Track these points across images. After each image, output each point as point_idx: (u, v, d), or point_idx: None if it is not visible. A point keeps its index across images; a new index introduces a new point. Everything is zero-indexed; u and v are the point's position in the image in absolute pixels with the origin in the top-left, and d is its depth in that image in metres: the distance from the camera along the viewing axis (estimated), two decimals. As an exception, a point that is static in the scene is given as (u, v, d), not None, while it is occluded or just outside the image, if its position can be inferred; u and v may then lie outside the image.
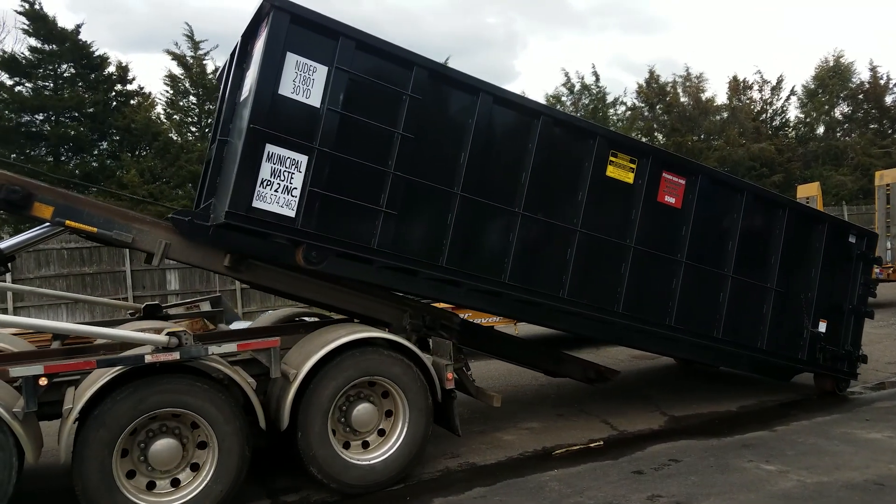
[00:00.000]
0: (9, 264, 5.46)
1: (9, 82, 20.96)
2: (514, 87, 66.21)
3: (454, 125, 5.64)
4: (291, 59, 4.88)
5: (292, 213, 4.94)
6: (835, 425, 6.53)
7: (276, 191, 4.88)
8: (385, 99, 5.29)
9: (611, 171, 6.26)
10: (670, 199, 6.59)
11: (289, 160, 4.91)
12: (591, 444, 6.14)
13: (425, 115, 5.42)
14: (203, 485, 4.52)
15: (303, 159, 4.95)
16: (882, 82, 31.99)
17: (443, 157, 5.59)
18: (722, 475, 5.23)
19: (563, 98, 30.16)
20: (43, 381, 4.15)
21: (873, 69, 32.38)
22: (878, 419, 6.65)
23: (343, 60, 5.04)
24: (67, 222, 4.94)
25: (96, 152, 22.74)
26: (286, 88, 4.88)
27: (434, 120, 5.55)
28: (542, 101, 30.02)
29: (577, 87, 29.65)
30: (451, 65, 27.36)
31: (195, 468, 4.58)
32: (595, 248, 6.22)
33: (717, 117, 31.32)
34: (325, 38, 5.02)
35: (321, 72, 4.98)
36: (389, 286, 5.84)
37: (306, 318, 6.68)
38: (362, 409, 5.16)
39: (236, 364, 4.90)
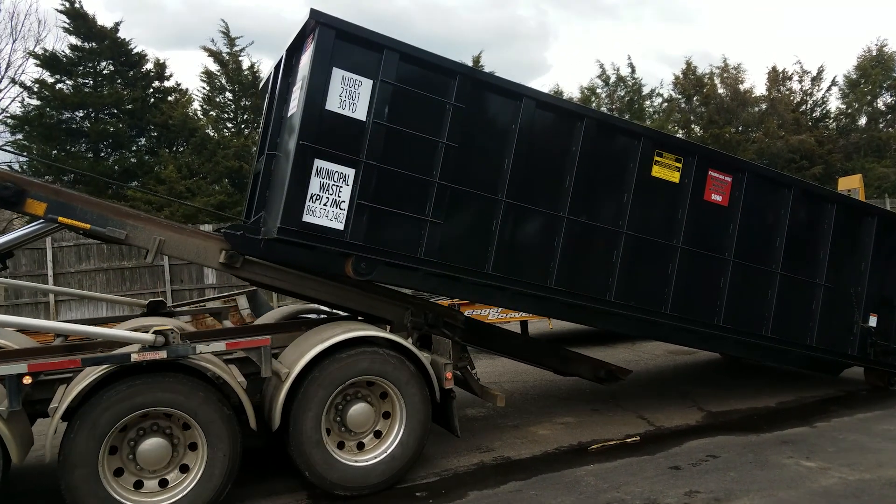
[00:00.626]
0: (6, 261, 5.39)
1: (50, 80, 21.45)
2: (546, 79, 65.77)
3: (498, 132, 5.67)
4: (338, 75, 4.97)
5: (341, 226, 5.05)
6: (877, 422, 6.42)
7: (325, 204, 4.99)
8: (429, 109, 5.34)
9: (656, 171, 6.23)
10: (717, 198, 6.54)
11: (337, 174, 5.02)
12: (628, 440, 6.11)
13: (469, 124, 5.47)
14: (191, 487, 4.46)
15: (350, 172, 5.05)
16: (927, 71, 31.03)
17: (487, 165, 5.63)
18: (761, 471, 5.17)
19: (599, 90, 29.79)
20: (27, 380, 4.10)
21: (919, 57, 31.44)
22: (924, 417, 6.49)
23: (387, 73, 5.13)
24: (60, 219, 4.91)
25: (135, 148, 23.15)
26: (333, 104, 4.97)
27: (477, 128, 5.58)
28: (577, 93, 29.89)
29: (613, 78, 29.27)
30: (483, 59, 27.32)
31: (185, 469, 4.53)
32: (642, 250, 6.21)
33: (756, 109, 30.63)
34: (370, 51, 5.11)
35: (366, 85, 5.07)
36: (433, 292, 5.91)
37: (311, 315, 6.53)
38: (358, 410, 5.06)
39: (232, 362, 4.89)
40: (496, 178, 5.61)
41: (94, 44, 21.77)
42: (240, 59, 23.86)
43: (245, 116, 23.98)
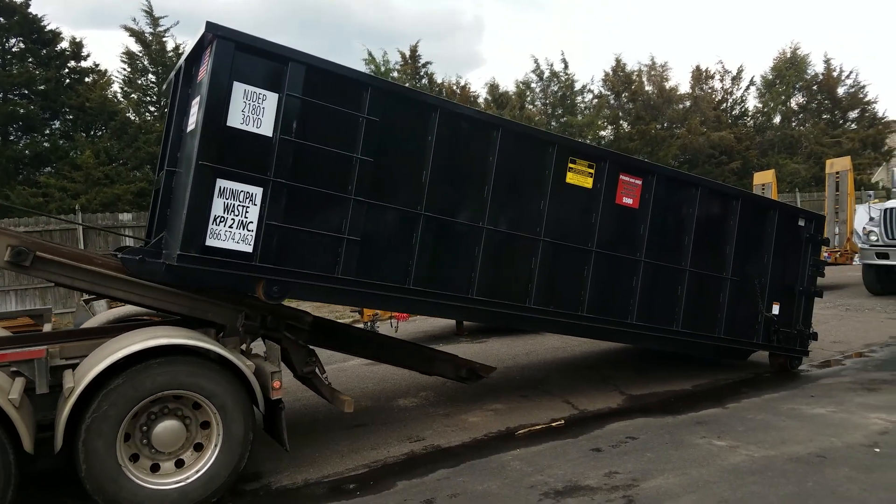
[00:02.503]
0: None
1: (-47, 57, 20.12)
2: (481, 73, 65.96)
3: (414, 144, 5.58)
4: (239, 89, 4.69)
5: (249, 249, 4.80)
6: (783, 402, 6.79)
7: (230, 227, 4.72)
8: (341, 122, 5.16)
9: (570, 178, 6.38)
10: (628, 201, 6.76)
11: (242, 194, 4.75)
12: (553, 424, 6.30)
13: (384, 137, 5.33)
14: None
15: (257, 191, 4.80)
16: (835, 74, 32.87)
17: (404, 178, 5.56)
18: (676, 451, 5.41)
19: (533, 84, 30.26)
20: None
21: (827, 61, 33.28)
22: (823, 395, 6.94)
23: (293, 87, 4.89)
24: None
25: (48, 132, 21.94)
26: (235, 119, 4.69)
27: (393, 140, 5.45)
28: (513, 87, 30.19)
29: (547, 73, 29.76)
30: (420, 50, 27.25)
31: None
32: (559, 255, 6.38)
33: (680, 106, 31.84)
34: (273, 64, 4.86)
35: (271, 99, 4.82)
36: (356, 306, 5.80)
37: (146, 318, 5.80)
38: (165, 428, 4.52)
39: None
40: (414, 192, 5.53)
41: (2, 19, 20.49)
42: (164, 39, 22.99)
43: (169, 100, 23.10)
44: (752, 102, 34.42)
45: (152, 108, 23.49)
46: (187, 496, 4.52)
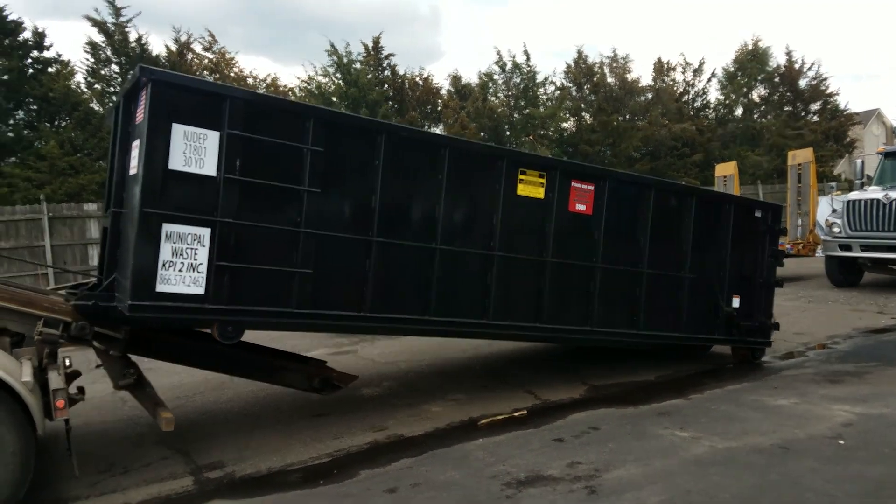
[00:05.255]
0: None
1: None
2: (441, 65, 65.68)
3: (361, 170, 5.53)
4: (178, 130, 4.60)
5: (201, 290, 4.73)
6: (745, 393, 6.84)
7: (180, 270, 4.65)
8: (285, 156, 5.10)
9: (522, 189, 6.35)
10: (581, 207, 6.74)
11: (190, 236, 4.68)
12: (515, 414, 6.29)
13: (330, 166, 5.28)
14: None
15: (205, 233, 4.73)
16: (797, 66, 33.37)
17: (354, 205, 5.52)
18: (638, 442, 5.42)
19: (496, 76, 30.23)
20: None
21: (789, 54, 33.74)
22: (785, 387, 7.01)
23: (234, 124, 4.80)
24: None
25: (12, 122, 21.49)
26: (177, 162, 4.60)
27: (340, 169, 5.41)
28: (476, 79, 30.15)
29: (509, 65, 29.74)
30: (382, 42, 27.04)
31: None
32: (514, 268, 6.37)
33: (642, 98, 32.12)
34: (212, 102, 4.79)
35: (212, 138, 4.73)
36: (314, 331, 5.67)
37: None
38: None
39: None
40: (365, 218, 5.50)
41: (-40, 7, 19.90)
42: (126, 29, 22.57)
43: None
44: (713, 95, 34.87)
45: (116, 99, 23.01)
46: None
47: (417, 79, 28.36)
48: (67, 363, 4.76)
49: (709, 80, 34.20)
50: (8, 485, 4.09)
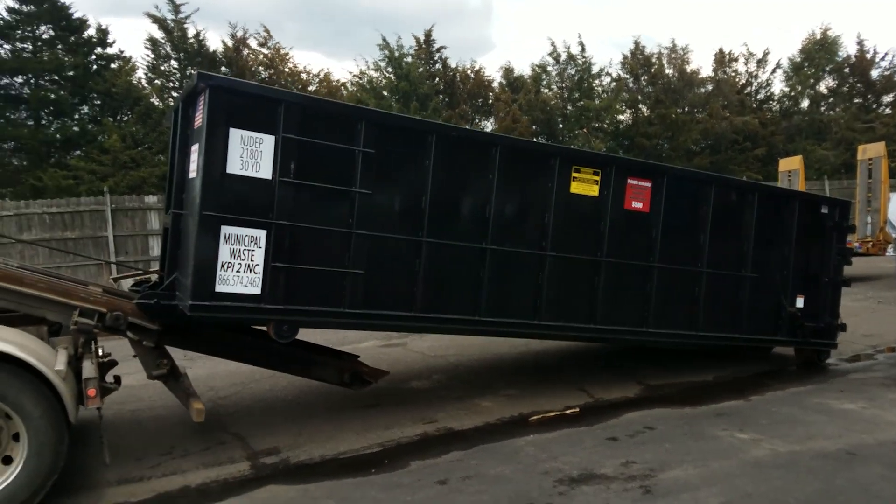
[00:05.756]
0: None
1: (-14, 43, 20.52)
2: (491, 58, 65.20)
3: (411, 171, 5.55)
4: (236, 135, 4.73)
5: (258, 290, 4.87)
6: (810, 396, 6.62)
7: (238, 271, 4.79)
8: (338, 158, 5.18)
9: (575, 188, 6.24)
10: (637, 205, 6.58)
11: (247, 238, 4.82)
12: (567, 411, 6.20)
13: (381, 167, 5.33)
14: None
15: (261, 234, 4.86)
16: (868, 56, 31.88)
17: (404, 206, 5.54)
18: (695, 443, 5.30)
19: (549, 68, 29.86)
20: None
21: (860, 43, 32.23)
22: (853, 390, 6.76)
23: (289, 127, 4.91)
24: None
25: (77, 116, 22.37)
26: (234, 166, 4.74)
27: (390, 170, 5.44)
28: (528, 71, 29.87)
29: (564, 56, 29.33)
30: (434, 35, 27.05)
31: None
32: (567, 268, 6.25)
33: (702, 89, 31.22)
34: (267, 107, 4.89)
35: (268, 142, 4.85)
36: (364, 329, 5.67)
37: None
38: None
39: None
40: (415, 219, 5.52)
41: (32, 7, 20.80)
42: (185, 26, 23.18)
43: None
44: (778, 86, 33.77)
45: (175, 94, 23.70)
46: None
47: (469, 71, 28.25)
48: (100, 352, 4.92)
49: (773, 71, 32.94)
50: (40, 472, 4.16)
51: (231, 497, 4.48)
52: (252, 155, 4.80)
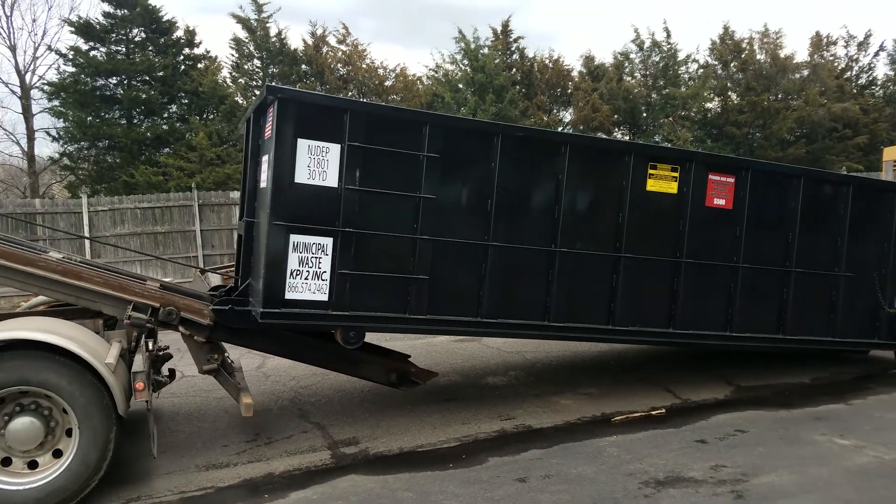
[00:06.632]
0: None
1: (84, 47, 21.68)
2: (570, 47, 63.74)
3: (476, 174, 5.49)
4: (303, 145, 4.82)
5: (325, 297, 4.96)
6: (916, 400, 6.20)
7: (306, 278, 4.90)
8: (402, 164, 5.18)
9: (652, 185, 5.99)
10: (720, 202, 6.27)
11: (314, 246, 4.91)
12: (653, 412, 6.00)
13: (445, 171, 5.30)
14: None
15: (328, 242, 4.94)
16: (984, 36, 29.54)
17: (469, 210, 5.51)
18: (791, 447, 5.04)
19: (632, 55, 29.00)
20: None
21: (974, 22, 29.98)
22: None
23: (354, 136, 4.96)
24: None
25: (166, 115, 23.38)
26: (302, 175, 4.83)
27: (455, 174, 5.42)
28: (610, 59, 29.11)
29: (648, 43, 28.41)
30: (511, 25, 26.77)
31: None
32: (643, 270, 6.01)
33: (797, 75, 29.59)
34: (333, 116, 4.96)
35: (334, 151, 4.91)
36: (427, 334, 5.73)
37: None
38: (19, 425, 4.18)
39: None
40: (480, 222, 5.45)
41: (125, 10, 21.86)
42: (267, 26, 23.80)
43: (274, 84, 23.93)
44: (881, 70, 31.60)
45: (258, 93, 24.40)
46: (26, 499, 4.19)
47: (547, 61, 27.78)
48: (152, 346, 5.03)
49: (876, 54, 30.84)
50: (89, 464, 4.22)
51: (314, 485, 4.56)
52: (319, 164, 4.88)
